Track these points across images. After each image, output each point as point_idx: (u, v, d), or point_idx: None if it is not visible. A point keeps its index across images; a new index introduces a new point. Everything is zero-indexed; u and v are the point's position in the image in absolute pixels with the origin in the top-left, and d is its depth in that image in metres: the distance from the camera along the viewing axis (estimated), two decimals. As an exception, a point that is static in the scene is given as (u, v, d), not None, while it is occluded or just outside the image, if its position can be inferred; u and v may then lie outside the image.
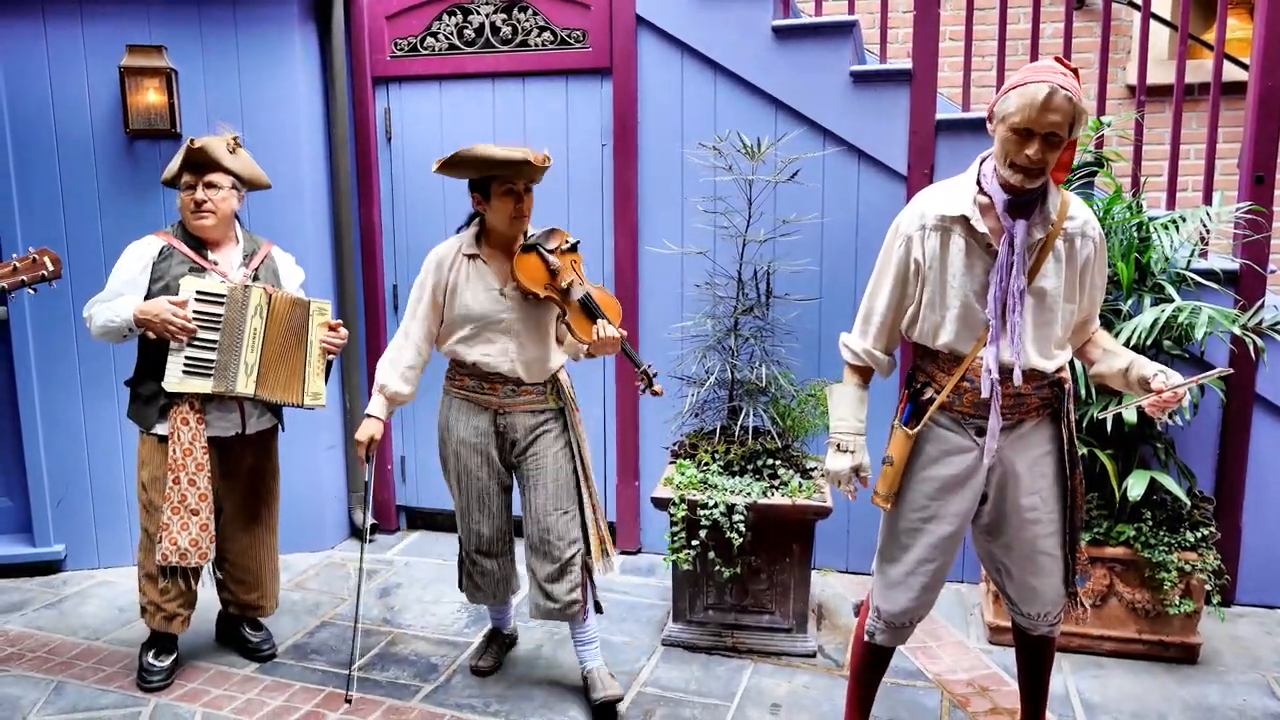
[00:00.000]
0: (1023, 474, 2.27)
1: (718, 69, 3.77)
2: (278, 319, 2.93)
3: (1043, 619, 2.38)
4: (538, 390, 2.84)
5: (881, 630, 2.42)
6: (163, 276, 2.89)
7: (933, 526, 2.30)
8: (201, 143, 2.87)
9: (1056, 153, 2.06)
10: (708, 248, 3.72)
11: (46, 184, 3.74)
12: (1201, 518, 3.17)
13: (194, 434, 2.87)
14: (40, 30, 3.67)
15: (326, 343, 3.02)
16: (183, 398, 2.86)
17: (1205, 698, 2.93)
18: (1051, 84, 1.99)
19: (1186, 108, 4.60)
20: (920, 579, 2.34)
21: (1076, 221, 2.18)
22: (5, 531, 4.03)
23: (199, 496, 2.89)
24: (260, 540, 3.18)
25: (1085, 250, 2.19)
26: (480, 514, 2.94)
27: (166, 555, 2.87)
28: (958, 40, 4.83)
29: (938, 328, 2.22)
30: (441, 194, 4.14)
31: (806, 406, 3.37)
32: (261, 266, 3.04)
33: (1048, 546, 2.31)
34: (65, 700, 2.97)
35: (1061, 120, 2.01)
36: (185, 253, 2.93)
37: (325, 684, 3.06)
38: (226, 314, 2.86)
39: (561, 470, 2.84)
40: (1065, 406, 2.27)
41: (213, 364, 2.86)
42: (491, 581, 3.02)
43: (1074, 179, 3.33)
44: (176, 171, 2.92)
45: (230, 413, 3.00)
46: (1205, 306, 2.97)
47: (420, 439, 4.36)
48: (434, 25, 4.04)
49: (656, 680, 3.08)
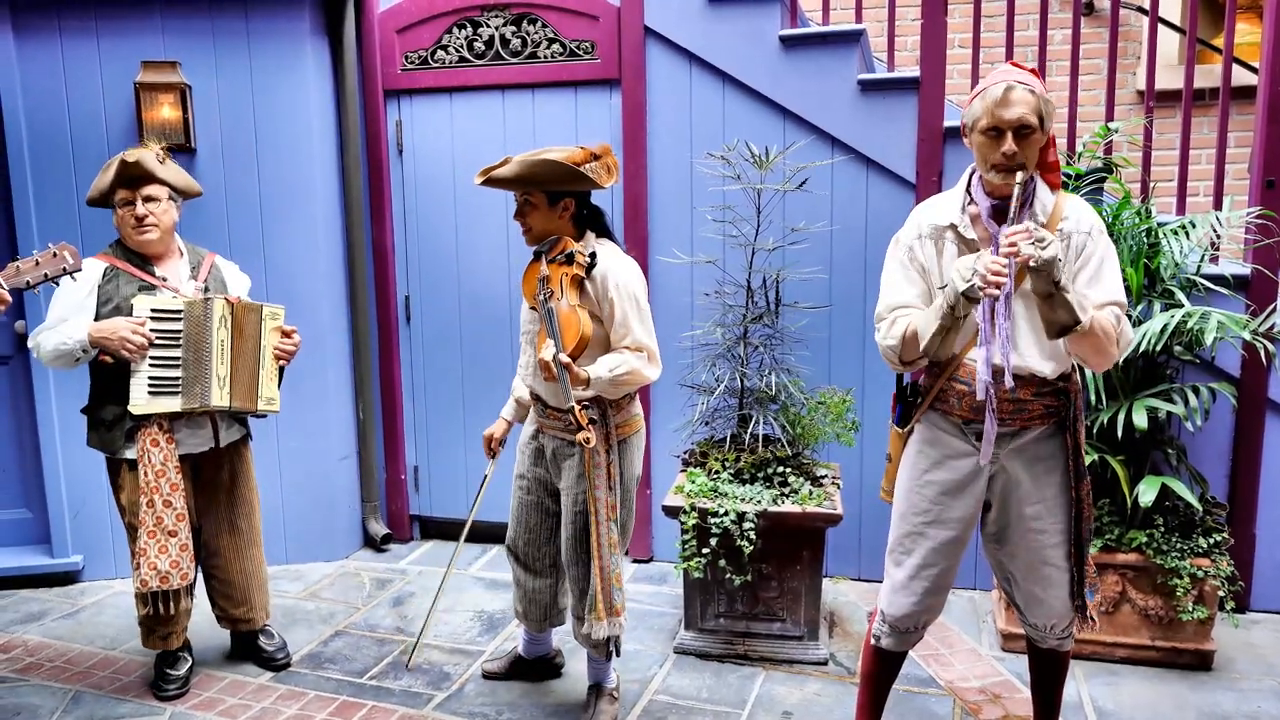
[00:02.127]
0: (1026, 482, 2.27)
1: (726, 79, 3.79)
2: (240, 327, 2.91)
3: (1051, 631, 2.38)
4: (564, 416, 2.64)
5: (887, 634, 2.43)
6: (111, 298, 2.84)
7: (934, 531, 2.32)
8: (135, 156, 2.83)
9: (1032, 147, 2.09)
10: (717, 256, 3.73)
11: (64, 198, 3.79)
12: (1214, 524, 3.15)
13: (165, 454, 2.83)
14: (57, 46, 3.72)
15: (279, 349, 2.98)
16: (150, 419, 2.82)
17: (1219, 705, 2.92)
18: (1008, 81, 2.07)
19: (1196, 112, 4.60)
20: (923, 583, 2.34)
21: (1071, 222, 2.16)
22: (24, 542, 4.07)
23: (176, 517, 2.85)
24: (243, 554, 3.16)
25: (1082, 248, 2.16)
26: (518, 522, 2.90)
27: (146, 581, 2.84)
28: (965, 48, 4.84)
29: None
30: (453, 205, 4.18)
31: (816, 414, 3.38)
32: (209, 277, 3.02)
33: (1053, 558, 2.30)
34: (83, 710, 3.00)
35: (1027, 111, 2.06)
36: (132, 271, 2.88)
37: (339, 693, 3.08)
38: (187, 329, 2.83)
39: (577, 518, 2.69)
40: (1072, 416, 2.25)
41: (178, 380, 2.83)
42: (523, 596, 2.95)
43: (1082, 185, 3.33)
44: (108, 188, 2.86)
45: (201, 428, 2.97)
46: (1215, 312, 2.96)
47: (434, 449, 4.38)
48: (444, 38, 4.08)
49: (668, 688, 3.08)
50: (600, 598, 2.65)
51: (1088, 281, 2.16)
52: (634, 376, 2.57)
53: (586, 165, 2.56)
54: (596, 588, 2.65)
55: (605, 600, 2.65)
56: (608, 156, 2.62)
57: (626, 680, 3.11)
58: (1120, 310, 2.14)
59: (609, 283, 2.59)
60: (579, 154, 2.57)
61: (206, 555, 3.13)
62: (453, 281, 4.23)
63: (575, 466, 2.69)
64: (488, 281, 4.18)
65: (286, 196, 3.95)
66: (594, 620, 2.66)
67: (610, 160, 2.62)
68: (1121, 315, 2.13)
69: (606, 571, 2.64)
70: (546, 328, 2.54)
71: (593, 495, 2.61)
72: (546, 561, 2.90)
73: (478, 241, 4.16)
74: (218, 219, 3.83)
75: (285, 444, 4.00)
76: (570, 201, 2.64)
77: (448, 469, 4.39)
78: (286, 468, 4.04)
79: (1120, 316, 2.13)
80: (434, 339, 4.30)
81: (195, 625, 3.23)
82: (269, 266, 3.89)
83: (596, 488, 2.61)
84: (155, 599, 2.90)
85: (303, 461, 4.09)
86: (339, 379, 4.15)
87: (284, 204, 3.95)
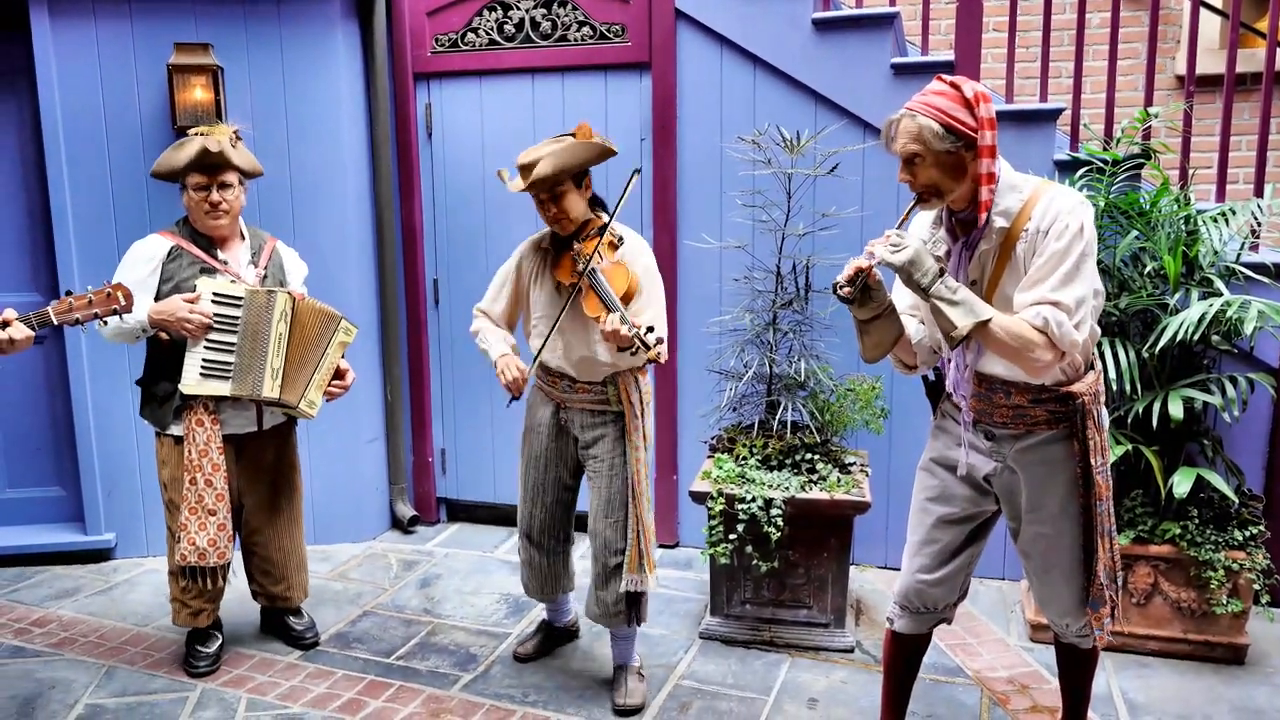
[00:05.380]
0: (1031, 485, 2.24)
1: (757, 62, 3.75)
2: (301, 325, 2.96)
3: (1067, 628, 2.35)
4: (595, 389, 2.79)
5: (898, 615, 2.45)
6: (172, 277, 2.89)
7: (936, 507, 2.35)
8: (217, 145, 2.87)
9: (929, 170, 2.06)
10: (746, 241, 3.71)
11: (98, 177, 3.82)
12: (1250, 516, 3.10)
13: (209, 435, 2.89)
14: (91, 27, 3.75)
15: (330, 390, 3.04)
16: (197, 399, 2.88)
17: (1253, 699, 2.88)
18: (901, 110, 2.08)
19: (1237, 98, 4.51)
20: (922, 559, 2.37)
21: (1034, 221, 2.07)
22: (58, 520, 4.13)
23: (216, 496, 2.91)
24: (283, 532, 3.21)
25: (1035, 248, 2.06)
26: (534, 502, 2.96)
27: (185, 556, 2.91)
28: (1001, 31, 4.77)
29: (938, 342, 2.31)
30: (481, 189, 4.17)
31: (845, 401, 3.36)
32: (269, 263, 3.07)
33: (1060, 562, 2.27)
34: (116, 684, 3.04)
35: (907, 140, 2.06)
36: (195, 253, 2.93)
37: (366, 672, 3.11)
38: (246, 317, 2.88)
39: (616, 477, 2.82)
40: (1081, 424, 2.15)
41: (230, 366, 2.87)
42: (538, 575, 3.04)
43: (1119, 172, 3.28)
44: (181, 169, 2.88)
45: (246, 410, 3.02)
46: (1255, 301, 2.91)
47: (461, 431, 4.40)
48: (474, 21, 4.07)
49: (694, 673, 3.08)
50: (642, 552, 2.80)
51: (1029, 279, 2.05)
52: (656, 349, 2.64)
53: (597, 138, 2.70)
54: (634, 543, 2.79)
55: (647, 554, 2.82)
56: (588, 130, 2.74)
57: (652, 665, 3.12)
58: (1054, 310, 2.00)
59: (639, 261, 2.75)
60: (582, 134, 2.70)
61: (247, 532, 3.17)
62: (481, 265, 4.23)
63: (613, 432, 2.82)
64: (516, 265, 4.17)
65: (316, 179, 3.96)
66: (629, 575, 2.80)
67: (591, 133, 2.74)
68: (1054, 317, 1.99)
69: (648, 530, 2.82)
70: (596, 293, 2.62)
71: (635, 456, 2.79)
72: (561, 538, 3.01)
73: (506, 225, 4.15)
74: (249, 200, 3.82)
75: (314, 426, 4.02)
76: (589, 178, 2.76)
77: (474, 452, 4.40)
78: (315, 449, 4.07)
79: (1048, 318, 1.99)
80: (462, 322, 4.31)
81: (226, 603, 3.27)
82: (299, 248, 3.86)
83: (638, 448, 2.79)
84: (193, 574, 2.95)
85: (331, 443, 4.11)
86: (367, 362, 4.17)
87: (314, 186, 3.97)
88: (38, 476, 4.11)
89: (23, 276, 3.98)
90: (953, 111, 2.03)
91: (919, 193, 2.11)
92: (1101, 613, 2.27)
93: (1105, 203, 3.23)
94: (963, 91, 2.05)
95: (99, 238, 3.81)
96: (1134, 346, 3.09)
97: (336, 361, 3.04)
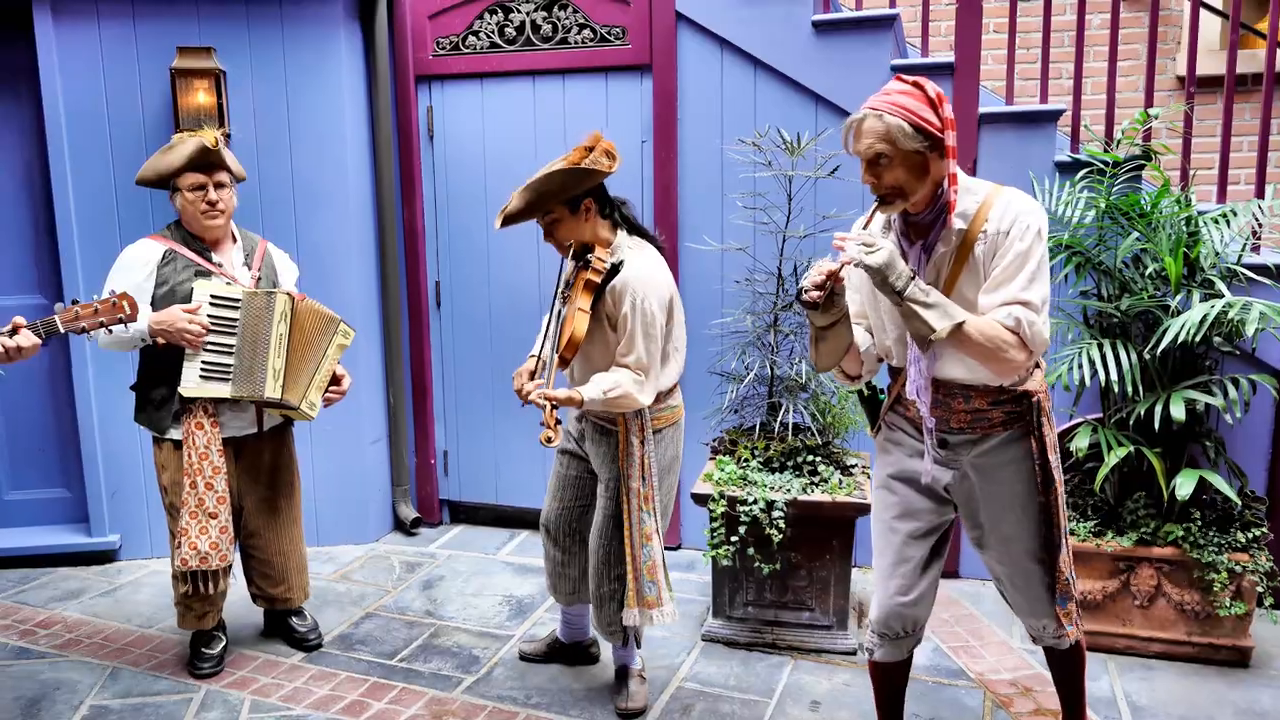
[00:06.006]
0: (991, 490, 2.23)
1: (758, 64, 3.76)
2: (300, 325, 2.96)
3: (1044, 630, 2.35)
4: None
5: (877, 645, 2.38)
6: (167, 281, 2.87)
7: (900, 524, 2.31)
8: (213, 142, 2.86)
9: (895, 171, 2.03)
10: (747, 243, 3.71)
11: (101, 179, 3.83)
12: (1253, 518, 3.10)
13: (209, 438, 2.89)
14: (95, 30, 3.76)
15: (329, 395, 3.06)
16: (196, 402, 2.88)
17: (1257, 701, 2.88)
18: (863, 110, 2.04)
19: (1238, 99, 4.51)
20: (898, 581, 2.31)
21: (993, 223, 2.06)
22: (63, 521, 4.15)
23: (217, 500, 2.91)
24: (283, 534, 3.21)
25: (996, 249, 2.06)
26: (555, 496, 2.97)
27: (186, 560, 2.91)
28: (1001, 32, 4.77)
29: (888, 350, 2.28)
30: (484, 192, 4.18)
31: (847, 403, 3.36)
32: (263, 265, 3.07)
33: (1022, 563, 2.27)
34: (120, 685, 3.05)
35: (874, 140, 2.02)
36: (190, 257, 2.92)
37: (370, 674, 3.12)
38: (244, 319, 2.88)
39: (611, 500, 2.76)
40: (1036, 421, 2.18)
41: (230, 368, 2.87)
42: (553, 570, 3.02)
43: (1120, 173, 3.28)
44: (175, 171, 2.86)
45: (245, 412, 3.02)
46: (1257, 302, 2.91)
47: (463, 433, 4.41)
48: (475, 24, 4.08)
49: (696, 676, 3.09)
50: (632, 587, 2.72)
51: (994, 280, 2.06)
52: (626, 400, 2.58)
53: (586, 160, 2.56)
54: (631, 575, 2.72)
55: (636, 591, 2.72)
56: (601, 142, 2.61)
57: (654, 667, 3.12)
58: (1024, 310, 2.00)
59: (625, 297, 2.59)
60: (575, 154, 2.59)
61: (246, 535, 3.17)
62: (483, 267, 4.24)
63: (609, 454, 2.74)
64: (518, 267, 4.18)
65: (318, 182, 3.97)
66: (628, 609, 2.74)
67: (606, 144, 2.61)
68: (1025, 316, 2.00)
69: (638, 563, 2.71)
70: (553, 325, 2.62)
71: (625, 485, 2.69)
72: (576, 538, 2.96)
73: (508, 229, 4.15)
74: (250, 203, 3.85)
75: (317, 427, 4.03)
76: (590, 202, 2.64)
77: (477, 454, 4.41)
78: (318, 451, 4.08)
79: (1020, 318, 2.00)
80: (464, 324, 4.32)
81: (229, 606, 3.28)
82: (301, 251, 3.92)
83: (629, 477, 2.69)
84: (194, 578, 2.96)
85: (334, 445, 4.12)
86: (370, 363, 4.18)
87: (316, 189, 3.98)
88: (42, 478, 4.12)
89: (27, 279, 3.99)
90: (920, 111, 2.01)
91: (883, 195, 2.07)
92: (1070, 608, 2.29)
93: (1106, 204, 3.23)
94: (926, 91, 2.04)
95: (102, 240, 3.81)
96: (1135, 348, 3.09)
97: (335, 364, 3.04)
